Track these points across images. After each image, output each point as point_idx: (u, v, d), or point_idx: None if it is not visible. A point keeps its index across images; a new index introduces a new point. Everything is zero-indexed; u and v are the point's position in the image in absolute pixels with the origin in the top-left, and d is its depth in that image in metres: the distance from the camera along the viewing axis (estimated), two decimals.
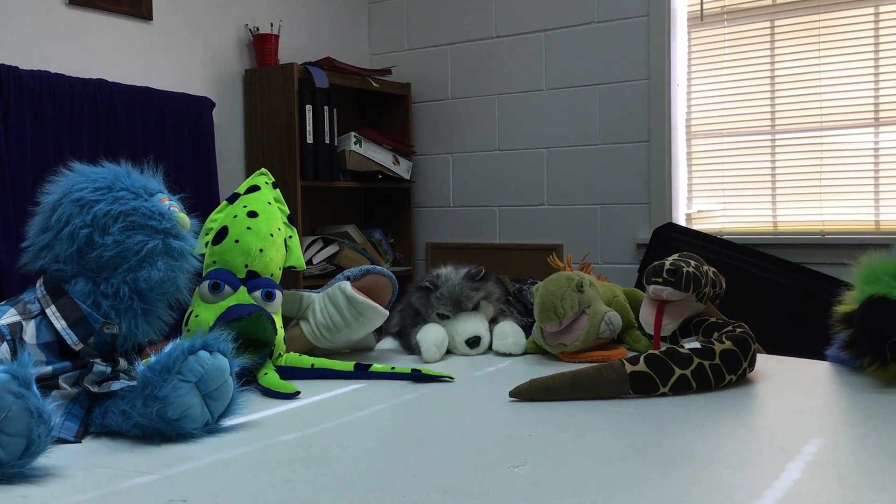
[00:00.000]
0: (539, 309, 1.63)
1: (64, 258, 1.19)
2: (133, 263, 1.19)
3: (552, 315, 1.61)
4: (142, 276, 1.19)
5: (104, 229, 1.18)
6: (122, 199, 1.21)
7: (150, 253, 1.20)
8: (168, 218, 1.23)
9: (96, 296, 1.19)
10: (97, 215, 1.19)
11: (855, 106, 3.09)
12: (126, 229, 1.19)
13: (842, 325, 1.49)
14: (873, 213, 3.07)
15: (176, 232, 1.24)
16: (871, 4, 3.05)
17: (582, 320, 1.63)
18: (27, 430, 0.95)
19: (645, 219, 3.44)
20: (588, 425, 1.18)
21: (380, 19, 4.15)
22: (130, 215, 1.20)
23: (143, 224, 1.21)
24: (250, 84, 3.52)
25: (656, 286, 1.56)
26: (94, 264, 1.19)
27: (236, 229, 1.52)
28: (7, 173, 2.60)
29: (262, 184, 1.64)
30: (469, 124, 3.90)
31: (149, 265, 1.20)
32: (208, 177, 3.25)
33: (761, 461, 1.01)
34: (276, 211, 1.61)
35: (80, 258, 1.19)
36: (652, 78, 3.40)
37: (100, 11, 2.99)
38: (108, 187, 1.21)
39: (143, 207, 1.21)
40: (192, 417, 1.13)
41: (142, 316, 1.22)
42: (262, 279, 1.51)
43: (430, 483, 0.94)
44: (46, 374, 1.14)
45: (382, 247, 3.97)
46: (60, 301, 1.18)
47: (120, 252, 1.18)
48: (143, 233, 1.20)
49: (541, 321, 1.64)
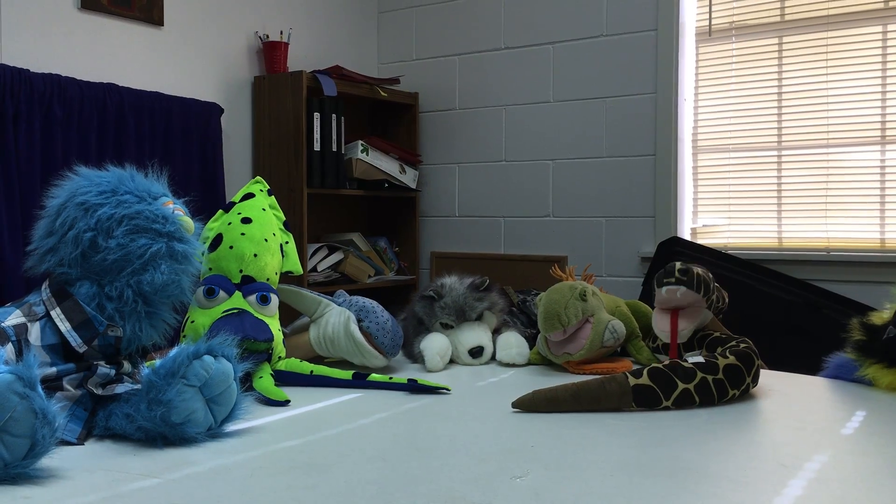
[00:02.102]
0: (543, 318, 1.64)
1: (68, 261, 1.19)
2: (137, 267, 1.19)
3: (556, 324, 1.61)
4: (145, 280, 1.20)
5: (108, 233, 1.19)
6: (125, 202, 1.21)
7: (153, 256, 1.20)
8: (172, 221, 1.24)
9: (101, 298, 1.19)
10: (101, 219, 1.19)
11: (862, 124, 3.09)
12: (130, 233, 1.20)
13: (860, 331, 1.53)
14: (879, 231, 3.06)
15: (180, 235, 1.24)
16: (879, 23, 3.06)
17: (586, 329, 1.63)
18: (32, 430, 0.95)
19: (650, 232, 3.44)
20: (590, 438, 1.18)
21: (389, 29, 4.17)
22: (134, 219, 1.21)
23: (146, 227, 1.21)
24: (259, 91, 3.53)
25: (669, 286, 1.55)
26: (98, 267, 1.19)
27: (230, 235, 1.53)
28: (16, 176, 2.61)
29: (257, 191, 1.65)
30: (476, 135, 3.91)
31: (152, 268, 1.20)
32: (215, 182, 3.26)
33: (763, 477, 1.01)
34: (271, 216, 1.62)
35: (84, 261, 1.19)
36: (659, 92, 3.41)
37: (111, 16, 3.01)
38: (112, 191, 1.22)
39: (147, 211, 1.22)
40: (195, 422, 1.13)
41: (146, 319, 1.22)
42: (257, 283, 1.51)
43: (431, 492, 0.94)
44: (51, 375, 1.14)
45: (387, 255, 3.97)
46: (65, 303, 1.18)
47: (124, 255, 1.19)
48: (146, 236, 1.21)
49: (545, 330, 1.64)
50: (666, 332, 1.58)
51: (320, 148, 3.48)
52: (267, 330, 1.46)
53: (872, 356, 1.51)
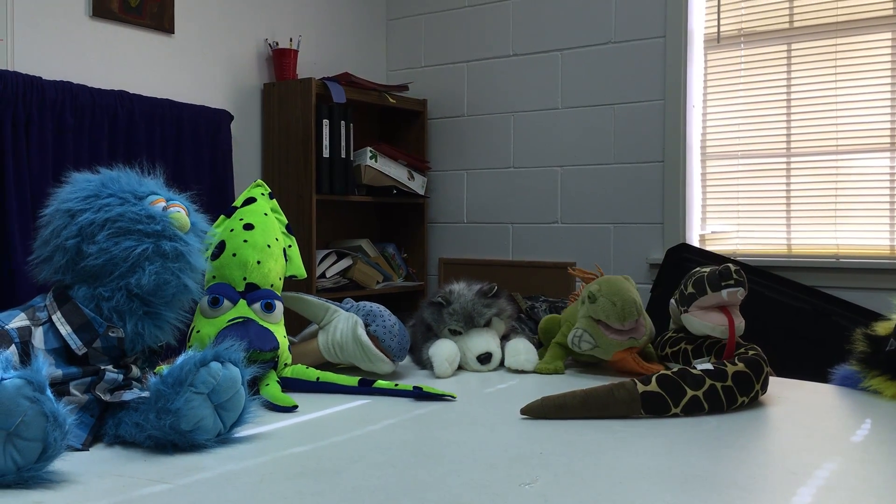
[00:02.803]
0: (620, 308, 1.62)
1: (61, 269, 1.21)
2: (124, 270, 1.19)
3: (634, 311, 1.62)
4: (133, 282, 1.19)
5: (91, 238, 1.19)
6: (107, 206, 1.21)
7: (139, 258, 1.20)
8: (159, 220, 1.22)
9: (97, 300, 1.19)
10: (83, 225, 1.19)
11: (871, 130, 3.08)
12: (113, 236, 1.19)
13: (864, 342, 1.51)
14: (888, 238, 3.05)
15: (170, 233, 1.23)
16: (888, 29, 3.05)
17: (641, 320, 1.67)
18: (43, 434, 0.96)
19: (658, 239, 3.44)
20: (599, 444, 1.18)
21: (398, 36, 4.18)
22: (117, 221, 1.20)
23: (130, 229, 1.20)
24: (268, 98, 3.55)
25: (730, 289, 1.58)
26: (87, 273, 1.20)
27: (233, 243, 1.53)
28: (28, 183, 2.63)
29: (259, 195, 1.64)
30: (484, 141, 3.91)
31: (140, 270, 1.19)
32: (225, 189, 3.28)
33: (772, 484, 1.00)
34: (274, 221, 1.61)
35: (74, 268, 1.20)
36: (668, 99, 3.41)
37: (122, 24, 3.03)
38: (94, 195, 1.22)
39: (130, 213, 1.21)
40: (204, 428, 1.13)
41: (147, 319, 1.21)
42: (262, 290, 1.51)
43: (439, 499, 0.95)
44: (57, 378, 1.14)
45: (395, 261, 3.98)
46: (65, 307, 1.19)
47: (108, 260, 1.18)
48: (131, 238, 1.20)
49: (623, 318, 1.61)
50: (723, 327, 1.59)
51: (329, 154, 3.49)
52: (272, 339, 1.46)
53: (876, 368, 1.49)
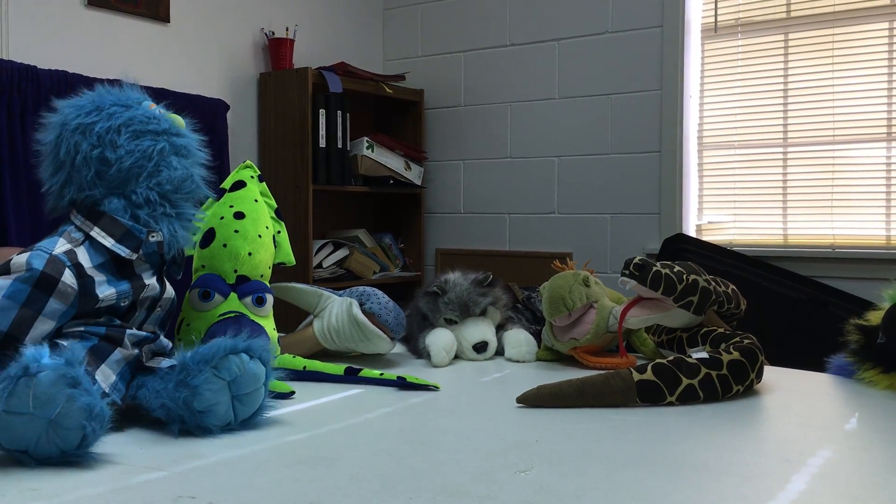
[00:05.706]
0: (548, 303, 1.64)
1: (88, 184, 1.20)
2: (151, 169, 1.21)
3: (561, 307, 1.62)
4: (164, 178, 1.22)
5: (113, 144, 1.20)
6: (115, 113, 1.23)
7: (161, 154, 1.22)
8: (163, 119, 1.26)
9: (131, 209, 1.20)
10: (101, 134, 1.20)
11: (868, 120, 3.08)
12: (132, 139, 1.22)
13: (857, 334, 1.51)
14: (884, 228, 3.06)
15: (175, 130, 1.27)
16: (885, 19, 3.05)
17: (590, 314, 1.63)
18: (81, 424, 0.98)
19: (655, 229, 3.44)
20: (595, 432, 1.18)
21: (395, 25, 4.17)
22: (130, 125, 1.22)
23: (144, 130, 1.23)
24: (265, 87, 3.54)
25: (623, 277, 1.57)
26: (116, 180, 1.20)
27: (224, 232, 1.51)
28: (23, 171, 2.62)
29: (248, 178, 1.62)
30: (481, 131, 3.91)
31: (165, 167, 1.22)
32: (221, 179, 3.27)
33: (767, 472, 1.01)
34: (264, 208, 1.60)
35: (101, 180, 1.20)
36: (665, 88, 3.40)
37: (117, 13, 3.02)
38: (97, 108, 1.23)
39: (138, 115, 1.24)
40: (216, 414, 1.13)
41: (177, 220, 1.24)
42: (253, 283, 1.50)
43: (436, 486, 0.95)
44: (111, 297, 1.15)
45: (392, 252, 3.98)
46: (102, 221, 1.19)
47: (136, 161, 1.20)
48: (147, 138, 1.22)
49: (550, 315, 1.64)
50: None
51: (326, 144, 3.48)
52: (263, 333, 1.46)
53: (869, 360, 1.50)
